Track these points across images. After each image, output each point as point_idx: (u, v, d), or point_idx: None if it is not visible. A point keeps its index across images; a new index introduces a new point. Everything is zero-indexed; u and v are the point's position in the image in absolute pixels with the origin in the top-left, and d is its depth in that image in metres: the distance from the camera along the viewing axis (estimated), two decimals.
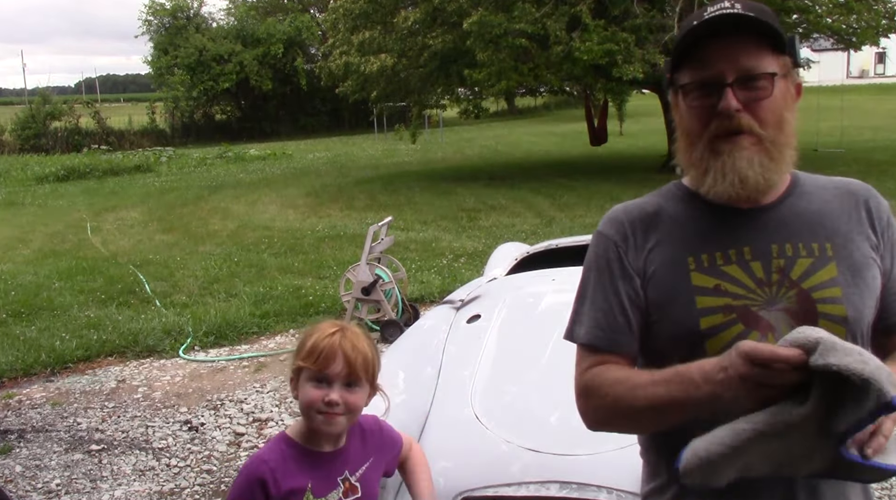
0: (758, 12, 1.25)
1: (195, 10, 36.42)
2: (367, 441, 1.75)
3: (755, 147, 1.25)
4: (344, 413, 1.61)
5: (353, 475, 1.68)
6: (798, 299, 1.25)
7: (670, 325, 1.30)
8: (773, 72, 1.25)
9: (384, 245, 6.33)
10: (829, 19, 13.41)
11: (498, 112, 38.73)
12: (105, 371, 5.55)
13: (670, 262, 1.31)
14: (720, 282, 1.28)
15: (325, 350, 1.59)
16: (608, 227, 1.39)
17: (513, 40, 12.88)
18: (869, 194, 1.37)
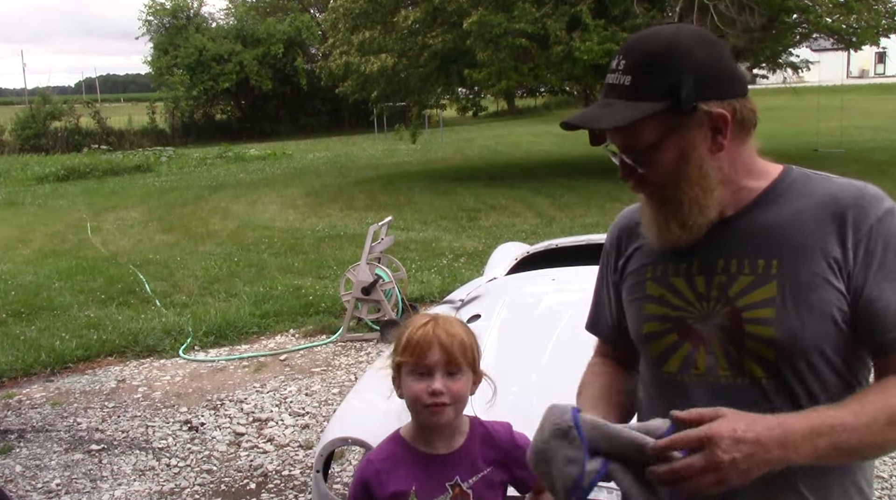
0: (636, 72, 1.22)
1: (195, 10, 36.43)
2: (491, 448, 1.64)
3: (660, 206, 1.30)
4: (450, 403, 1.55)
5: (465, 481, 1.59)
6: (730, 316, 1.26)
7: (630, 326, 1.43)
8: (649, 143, 1.23)
9: (384, 245, 6.33)
10: (829, 19, 13.41)
11: (498, 112, 38.73)
12: (105, 371, 5.55)
13: (637, 270, 1.42)
14: (664, 292, 1.34)
15: (419, 341, 1.56)
16: (609, 231, 1.54)
17: (513, 40, 12.88)
18: (854, 204, 1.24)
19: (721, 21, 11.98)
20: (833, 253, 1.22)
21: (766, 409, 1.19)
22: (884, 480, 3.49)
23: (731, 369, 1.26)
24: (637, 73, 1.23)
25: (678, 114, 1.22)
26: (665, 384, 1.34)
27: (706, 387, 1.27)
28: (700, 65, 1.22)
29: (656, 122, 1.22)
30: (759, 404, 1.22)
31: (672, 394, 1.31)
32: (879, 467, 3.60)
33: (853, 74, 46.37)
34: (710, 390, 1.26)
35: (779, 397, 1.24)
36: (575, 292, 3.27)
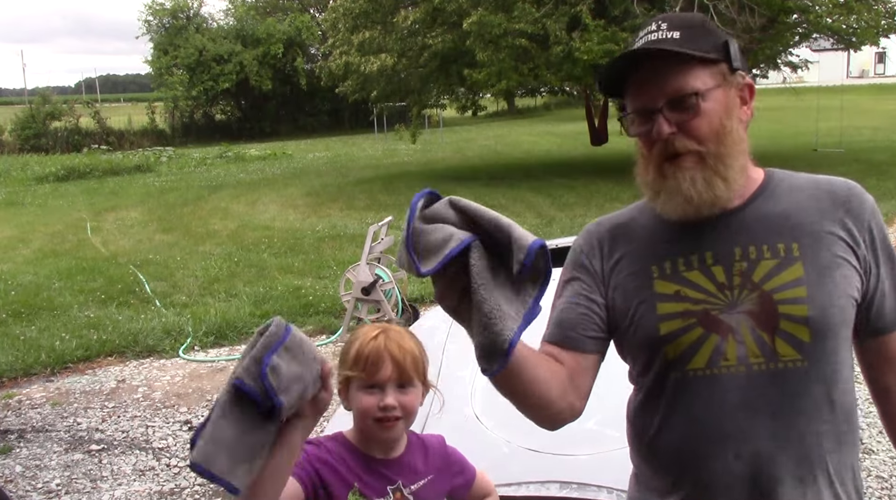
0: (683, 30, 1.26)
1: (195, 11, 36.44)
2: (429, 458, 1.67)
3: (697, 166, 1.26)
4: (401, 417, 1.56)
5: (406, 486, 1.61)
6: (759, 301, 1.26)
7: (635, 332, 1.33)
8: (697, 89, 1.25)
9: (384, 245, 6.33)
10: (829, 19, 13.41)
11: (498, 112, 38.74)
12: (105, 371, 5.55)
13: (636, 271, 1.34)
14: (680, 288, 1.30)
15: (371, 356, 1.54)
16: (581, 239, 1.44)
17: (513, 40, 12.88)
18: (850, 193, 1.33)
19: (721, 21, 11.97)
20: (844, 237, 1.29)
21: (801, 392, 1.25)
22: (884, 480, 3.49)
23: (764, 355, 1.25)
24: (684, 30, 1.27)
25: (725, 70, 1.28)
26: (690, 383, 1.28)
27: (738, 377, 1.26)
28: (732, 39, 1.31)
29: (708, 71, 1.27)
30: (795, 387, 1.26)
31: (698, 390, 1.28)
32: (879, 467, 3.60)
33: (853, 74, 46.38)
34: (743, 380, 1.26)
35: (812, 378, 1.26)
36: None
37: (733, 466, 1.25)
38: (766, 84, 27.08)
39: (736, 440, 1.25)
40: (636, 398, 1.41)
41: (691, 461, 1.29)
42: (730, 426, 1.25)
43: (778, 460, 1.25)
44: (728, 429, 1.25)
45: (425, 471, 1.64)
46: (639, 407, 1.39)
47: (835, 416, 1.28)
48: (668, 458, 1.33)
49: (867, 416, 4.05)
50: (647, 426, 1.36)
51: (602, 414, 2.11)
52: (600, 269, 1.38)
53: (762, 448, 1.25)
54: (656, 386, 1.33)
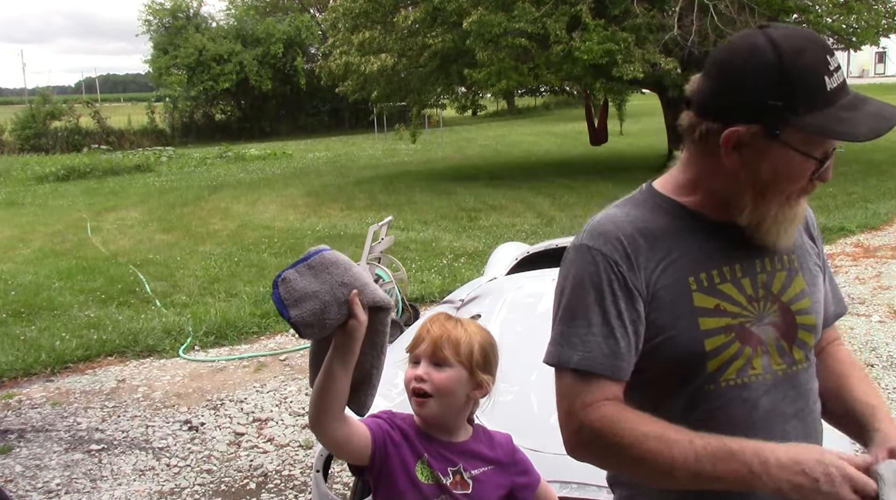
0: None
1: (195, 10, 36.43)
2: (494, 450, 1.67)
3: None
4: (432, 394, 1.56)
5: (467, 470, 1.61)
6: (781, 312, 1.31)
7: (673, 347, 1.27)
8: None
9: (384, 245, 6.33)
10: (829, 19, 13.42)
11: (498, 112, 38.73)
12: (105, 371, 5.55)
13: (673, 282, 1.27)
14: (720, 301, 1.28)
15: (417, 333, 1.62)
16: (600, 242, 1.28)
17: (513, 40, 12.88)
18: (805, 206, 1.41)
19: (721, 21, 11.98)
20: (812, 248, 1.42)
21: (809, 390, 1.36)
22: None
23: (785, 362, 1.32)
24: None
25: None
26: (723, 395, 1.29)
27: (765, 384, 1.30)
28: None
29: None
30: (804, 386, 1.34)
31: (733, 400, 1.29)
32: None
33: (853, 74, 46.36)
34: (770, 386, 1.30)
35: (811, 376, 1.37)
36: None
37: None
38: None
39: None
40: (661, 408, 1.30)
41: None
42: (766, 431, 1.27)
43: None
44: (765, 435, 1.26)
45: (489, 459, 1.65)
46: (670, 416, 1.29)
47: (819, 405, 1.39)
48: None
49: None
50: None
51: None
52: (635, 279, 1.27)
53: None
54: (687, 400, 1.30)
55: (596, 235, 1.30)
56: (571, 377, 1.27)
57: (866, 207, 10.04)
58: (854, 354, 4.78)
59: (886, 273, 7.02)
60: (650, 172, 9.57)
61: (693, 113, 1.28)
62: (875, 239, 8.49)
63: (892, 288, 6.56)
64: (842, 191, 11.28)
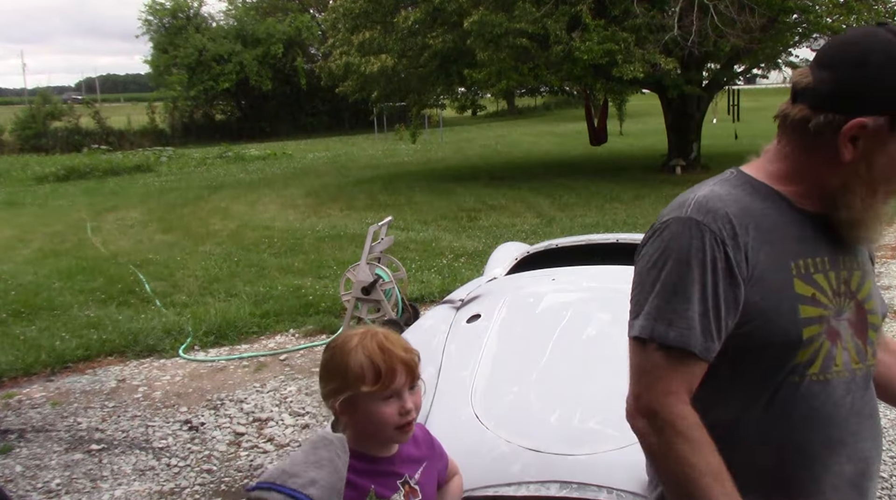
0: None
1: (195, 10, 36.44)
2: (420, 446, 1.68)
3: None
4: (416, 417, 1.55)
5: (412, 477, 1.62)
6: (856, 309, 1.33)
7: (769, 331, 1.25)
8: None
9: (384, 245, 6.33)
10: (829, 19, 13.40)
11: (498, 112, 38.75)
12: (105, 371, 5.55)
13: (776, 266, 1.26)
14: (815, 291, 1.28)
15: (381, 366, 1.49)
16: (709, 218, 1.25)
17: (513, 40, 12.87)
18: None
19: (721, 21, 11.98)
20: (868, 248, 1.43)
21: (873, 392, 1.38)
22: (884, 480, 3.49)
23: (861, 361, 1.33)
24: None
25: None
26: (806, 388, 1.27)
27: (845, 382, 1.30)
28: None
29: None
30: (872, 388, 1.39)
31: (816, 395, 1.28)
32: (880, 467, 3.60)
33: None
34: (850, 384, 1.31)
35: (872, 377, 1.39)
36: (575, 292, 3.27)
37: (844, 468, 1.29)
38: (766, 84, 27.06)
39: (849, 444, 1.30)
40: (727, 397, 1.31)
41: (806, 465, 1.29)
42: (845, 429, 1.29)
43: (875, 457, 1.34)
44: (843, 433, 1.29)
45: (420, 458, 1.66)
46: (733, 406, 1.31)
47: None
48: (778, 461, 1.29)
49: None
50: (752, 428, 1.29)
51: (602, 414, 2.11)
52: (741, 260, 1.24)
53: (867, 449, 1.32)
54: (771, 389, 1.28)
55: (705, 211, 1.25)
56: (661, 355, 1.24)
57: None
58: None
59: (886, 273, 7.02)
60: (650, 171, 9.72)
61: (807, 105, 1.27)
62: None
63: (893, 288, 6.56)
64: None
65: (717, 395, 1.30)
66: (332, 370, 1.55)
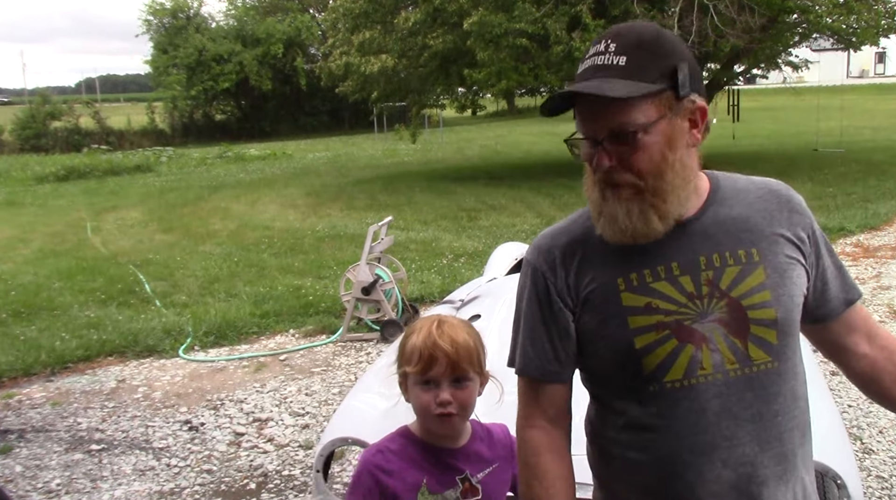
0: (630, 53, 1.23)
1: (195, 10, 36.45)
2: (494, 446, 1.67)
3: (635, 198, 1.25)
4: (458, 412, 1.56)
5: (474, 475, 1.61)
6: (729, 308, 1.27)
7: (606, 346, 1.31)
8: (641, 124, 1.22)
9: (384, 245, 6.33)
10: (829, 19, 13.40)
11: (498, 112, 38.75)
12: (105, 371, 5.55)
13: (601, 286, 1.32)
14: (651, 300, 1.28)
15: (424, 352, 1.54)
16: (536, 256, 1.39)
17: (513, 40, 12.88)
18: (790, 194, 1.38)
19: (721, 21, 11.98)
20: (792, 238, 1.34)
21: (775, 393, 1.28)
22: (884, 480, 3.49)
23: (739, 361, 1.27)
24: (632, 54, 1.23)
25: (671, 99, 1.25)
26: (669, 396, 1.28)
27: (716, 385, 1.27)
28: (688, 57, 1.28)
29: (652, 103, 1.23)
30: (770, 389, 1.28)
31: (679, 402, 1.27)
32: (879, 467, 3.60)
33: (853, 74, 46.38)
34: (721, 387, 1.27)
35: (782, 378, 1.30)
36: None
37: (721, 473, 1.26)
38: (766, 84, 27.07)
39: (722, 448, 1.26)
40: (605, 416, 1.38)
41: (678, 474, 1.28)
42: (715, 434, 1.26)
43: (763, 462, 1.27)
44: (714, 438, 1.26)
45: (491, 459, 1.65)
46: (610, 425, 1.36)
47: (799, 409, 1.33)
48: (652, 474, 1.31)
49: (867, 415, 4.06)
50: (625, 442, 1.33)
51: None
52: (564, 288, 1.35)
53: (748, 453, 1.26)
54: (632, 402, 1.31)
55: (534, 250, 1.41)
56: (521, 382, 1.42)
57: (866, 207, 10.04)
58: None
59: (886, 273, 7.02)
60: None
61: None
62: (875, 239, 8.49)
63: (892, 288, 6.56)
64: (842, 191, 11.27)
65: (598, 414, 1.41)
66: (399, 348, 1.62)
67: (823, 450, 2.03)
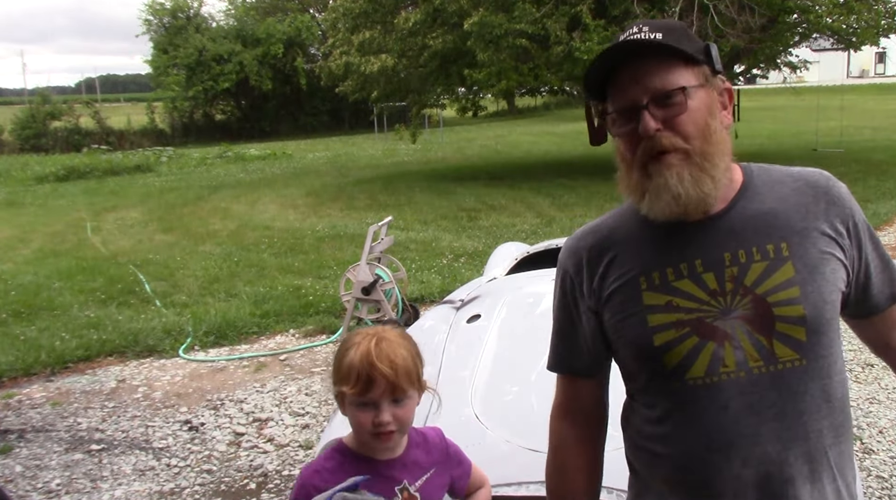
0: (665, 32, 1.27)
1: (195, 10, 36.44)
2: (430, 452, 1.66)
3: (684, 163, 1.24)
4: (397, 429, 1.53)
5: (412, 484, 1.59)
6: (753, 305, 1.26)
7: (628, 344, 1.34)
8: (683, 85, 1.24)
9: (384, 245, 6.33)
10: (829, 19, 13.40)
11: (498, 112, 38.73)
12: (105, 371, 5.55)
13: (624, 285, 1.33)
14: (672, 298, 1.29)
15: (362, 373, 1.49)
16: (566, 257, 1.44)
17: (513, 41, 12.88)
18: (829, 184, 1.35)
19: (721, 21, 11.98)
20: (829, 231, 1.30)
21: (801, 391, 1.26)
22: (884, 480, 3.49)
23: (763, 359, 1.25)
24: (667, 33, 1.27)
25: (707, 72, 1.29)
26: (691, 392, 1.27)
27: (739, 383, 1.25)
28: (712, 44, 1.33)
29: (691, 72, 1.27)
30: (795, 387, 1.26)
31: (700, 399, 1.27)
32: (880, 467, 3.60)
33: (853, 74, 46.41)
34: (745, 385, 1.25)
35: (811, 376, 1.27)
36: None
37: (741, 472, 1.25)
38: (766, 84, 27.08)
39: (742, 447, 1.25)
40: (635, 409, 1.40)
41: (699, 471, 1.28)
42: (735, 432, 1.25)
43: (788, 460, 1.25)
44: (733, 436, 1.25)
45: (428, 465, 1.63)
46: (639, 419, 1.38)
47: (832, 409, 1.29)
48: (673, 469, 1.31)
49: (867, 415, 4.05)
50: (650, 435, 1.35)
51: None
52: (589, 290, 1.38)
53: (770, 451, 1.25)
54: (657, 398, 1.33)
55: (565, 251, 1.46)
56: (556, 379, 1.49)
57: (866, 207, 10.04)
58: (854, 353, 4.79)
59: None
60: None
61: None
62: None
63: None
64: None
65: (629, 406, 1.43)
66: (334, 362, 1.57)
67: None
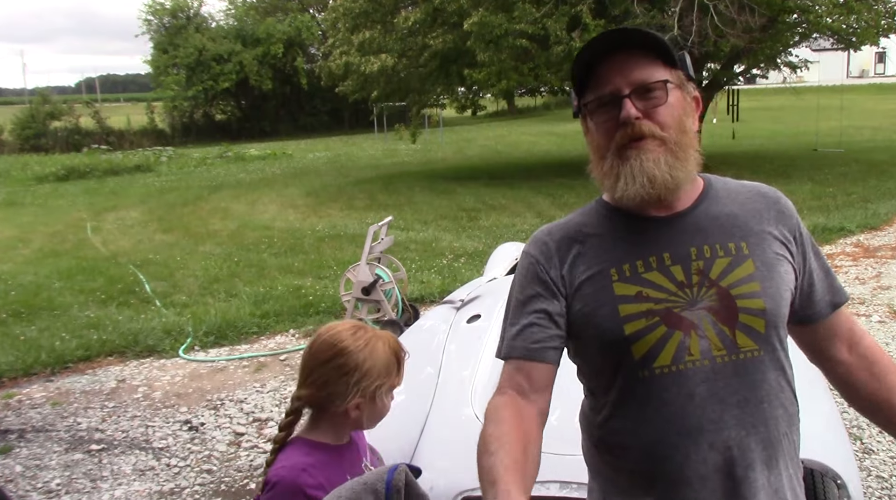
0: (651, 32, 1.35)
1: (195, 10, 36.45)
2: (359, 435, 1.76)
3: (660, 148, 1.31)
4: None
5: (371, 463, 1.70)
6: (718, 296, 1.32)
7: (597, 334, 1.35)
8: (665, 79, 1.33)
9: (384, 245, 6.33)
10: (829, 19, 13.40)
11: (498, 112, 38.75)
12: (105, 371, 5.55)
13: (594, 276, 1.37)
14: (641, 289, 1.34)
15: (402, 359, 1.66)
16: (533, 247, 1.45)
17: (513, 40, 12.88)
18: (778, 197, 1.45)
19: (721, 21, 11.97)
20: (780, 237, 1.40)
21: (760, 380, 1.33)
22: (884, 480, 3.49)
23: (726, 348, 1.31)
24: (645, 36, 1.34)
25: (682, 77, 1.37)
26: (657, 381, 1.31)
27: (703, 371, 1.30)
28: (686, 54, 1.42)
29: (669, 72, 1.35)
30: (755, 376, 1.32)
31: (667, 387, 1.31)
32: (879, 467, 3.60)
33: (853, 74, 46.41)
34: (708, 373, 1.30)
35: (768, 366, 1.34)
36: None
37: (708, 456, 1.30)
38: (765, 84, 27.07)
39: (709, 431, 1.30)
40: (596, 407, 1.42)
41: (667, 458, 1.31)
42: (702, 418, 1.30)
43: (749, 445, 1.31)
44: (701, 421, 1.30)
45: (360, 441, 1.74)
46: (602, 411, 1.40)
47: (786, 398, 1.36)
48: (643, 459, 1.34)
49: None
50: (615, 429, 1.38)
51: None
52: (558, 277, 1.40)
53: (734, 436, 1.30)
54: (623, 388, 1.35)
55: (531, 242, 1.47)
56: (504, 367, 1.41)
57: (866, 207, 10.04)
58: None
59: (886, 273, 7.02)
60: None
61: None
62: (875, 239, 8.49)
63: (892, 288, 6.56)
64: (842, 191, 11.27)
65: (590, 405, 1.45)
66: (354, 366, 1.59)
67: (823, 450, 2.03)
